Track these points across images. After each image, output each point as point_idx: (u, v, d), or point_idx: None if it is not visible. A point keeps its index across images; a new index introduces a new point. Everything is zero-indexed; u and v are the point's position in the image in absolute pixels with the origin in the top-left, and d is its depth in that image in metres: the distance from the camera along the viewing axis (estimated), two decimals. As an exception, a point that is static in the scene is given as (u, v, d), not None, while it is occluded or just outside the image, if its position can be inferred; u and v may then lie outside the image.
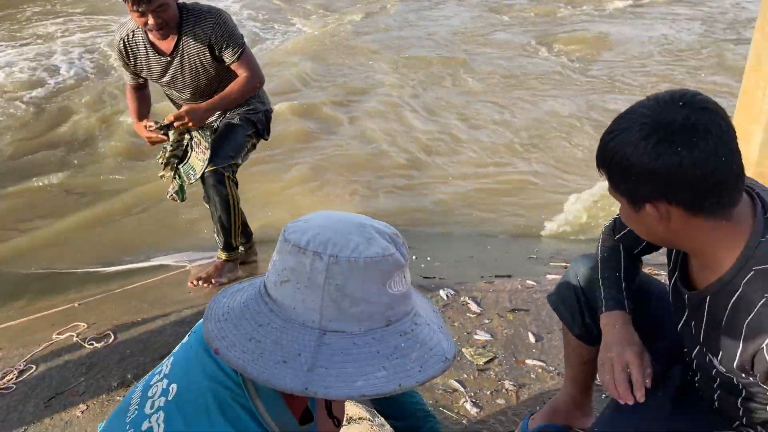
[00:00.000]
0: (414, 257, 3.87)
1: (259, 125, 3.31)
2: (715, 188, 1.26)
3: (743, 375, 1.39)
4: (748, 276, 1.31)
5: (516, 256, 4.15)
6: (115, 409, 1.24)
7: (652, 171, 1.26)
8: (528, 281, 3.20)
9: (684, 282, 1.52)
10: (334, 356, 1.01)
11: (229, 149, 3.15)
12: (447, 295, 3.09)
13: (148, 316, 2.97)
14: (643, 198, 1.32)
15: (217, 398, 1.09)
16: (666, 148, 1.24)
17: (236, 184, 3.26)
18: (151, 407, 1.14)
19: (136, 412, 1.16)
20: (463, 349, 2.69)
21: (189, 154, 3.15)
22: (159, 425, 1.10)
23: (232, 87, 3.10)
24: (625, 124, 1.32)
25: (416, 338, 1.07)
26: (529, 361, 2.62)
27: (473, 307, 3.00)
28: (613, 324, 1.64)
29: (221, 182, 3.12)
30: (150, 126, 3.07)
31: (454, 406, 2.40)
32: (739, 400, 1.47)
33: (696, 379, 1.60)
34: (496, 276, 3.36)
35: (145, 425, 1.12)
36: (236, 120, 3.21)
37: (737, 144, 1.28)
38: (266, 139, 3.44)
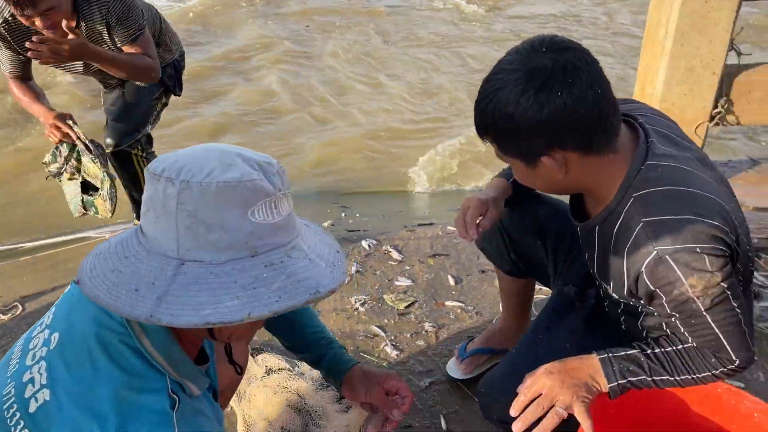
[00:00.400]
0: (343, 214, 3.86)
1: (169, 81, 3.03)
2: (598, 122, 1.29)
3: (632, 300, 1.46)
4: (628, 204, 1.36)
5: (440, 207, 4.20)
6: None
7: (540, 122, 1.26)
8: (449, 227, 3.23)
9: (578, 216, 1.57)
10: (189, 285, 0.97)
11: (131, 123, 2.87)
12: (369, 245, 3.09)
13: (59, 284, 2.86)
14: (537, 152, 1.33)
15: (100, 341, 1.05)
16: (547, 96, 1.25)
17: (148, 153, 3.01)
18: (33, 359, 1.09)
19: (17, 365, 1.11)
20: (384, 296, 2.71)
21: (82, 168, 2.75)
22: (41, 374, 1.06)
23: (131, 57, 2.66)
24: (497, 84, 1.30)
25: (284, 269, 1.02)
26: (448, 303, 2.66)
27: (395, 254, 3.01)
28: (490, 185, 1.81)
29: (127, 161, 2.92)
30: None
31: (375, 351, 2.41)
32: (639, 322, 1.55)
33: (605, 303, 1.67)
34: (418, 225, 3.38)
35: (26, 377, 1.07)
36: (133, 88, 2.92)
37: (604, 73, 1.31)
38: (178, 95, 3.17)
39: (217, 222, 0.98)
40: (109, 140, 2.87)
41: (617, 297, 1.49)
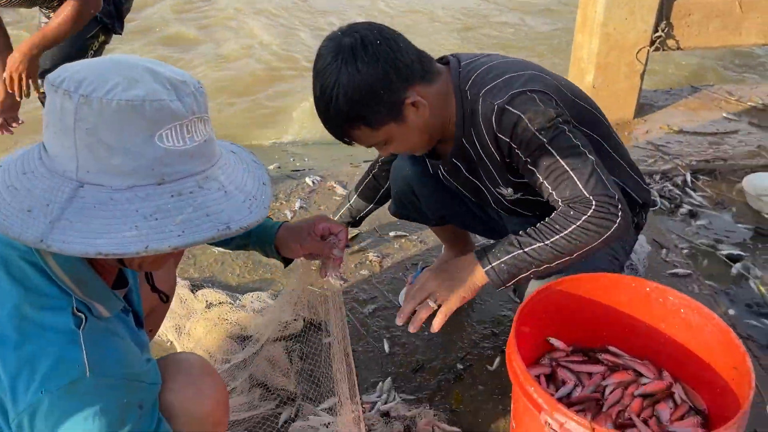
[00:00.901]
0: (291, 158, 3.78)
1: (107, 19, 2.76)
2: (420, 56, 1.46)
3: (513, 180, 1.60)
4: (465, 101, 1.52)
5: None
6: None
7: (385, 72, 1.39)
8: (394, 161, 3.19)
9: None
10: (86, 210, 0.88)
11: (56, 62, 2.62)
12: (313, 182, 3.04)
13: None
14: (400, 101, 1.43)
15: (1, 258, 0.98)
16: (373, 52, 1.38)
17: None
18: None
19: None
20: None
21: None
22: None
23: (52, 21, 2.48)
24: (330, 75, 1.38)
25: (193, 200, 0.93)
26: (392, 233, 2.64)
27: (339, 189, 2.97)
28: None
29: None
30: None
31: (318, 281, 2.38)
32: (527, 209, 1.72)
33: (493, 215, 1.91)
34: (363, 161, 3.33)
35: None
36: None
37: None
38: (119, 33, 2.87)
39: (119, 145, 0.89)
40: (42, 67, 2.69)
41: (505, 192, 1.66)
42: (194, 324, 2.06)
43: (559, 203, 1.44)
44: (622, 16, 3.17)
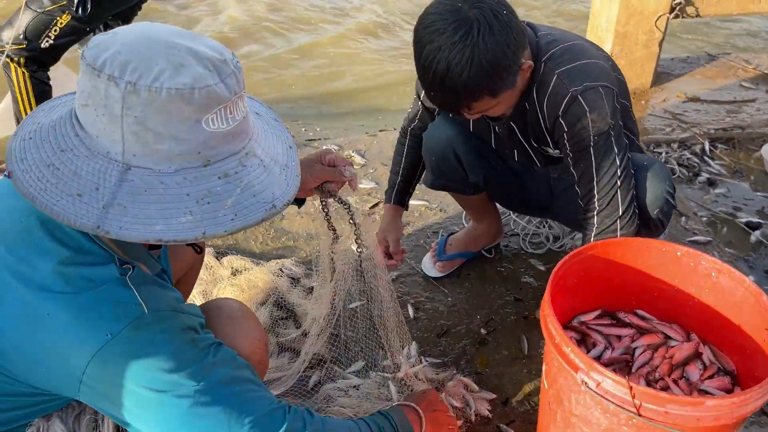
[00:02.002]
0: (303, 129, 3.77)
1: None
2: (518, 18, 1.48)
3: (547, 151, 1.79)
4: (542, 68, 1.59)
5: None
6: None
7: (516, 44, 1.44)
8: (411, 130, 3.18)
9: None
10: (137, 195, 0.90)
11: (12, 24, 2.58)
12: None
13: None
14: (517, 70, 1.47)
15: (42, 221, 0.99)
16: (505, 23, 1.40)
17: (34, 74, 2.67)
18: None
19: None
20: (349, 198, 2.68)
21: None
22: None
23: None
24: (461, 43, 1.38)
25: (239, 181, 0.95)
26: (412, 202, 2.63)
27: (357, 159, 2.97)
28: (388, 213, 2.12)
29: (5, 66, 2.63)
30: None
31: (339, 249, 2.40)
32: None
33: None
34: (380, 130, 3.33)
35: None
36: None
37: None
38: (79, 16, 2.59)
39: (167, 132, 0.89)
40: None
41: (550, 150, 1.78)
42: (221, 290, 2.09)
43: (588, 207, 1.67)
44: (642, -17, 3.14)
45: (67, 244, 0.98)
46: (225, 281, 2.13)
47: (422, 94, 1.94)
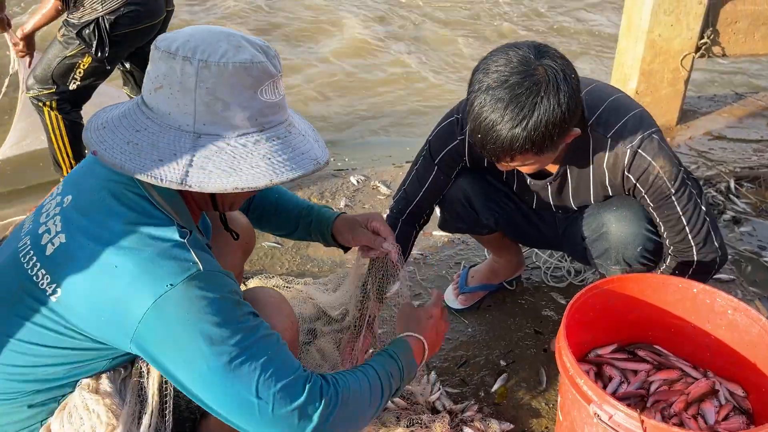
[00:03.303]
0: (332, 158, 3.87)
1: (89, 39, 2.68)
2: (580, 88, 1.46)
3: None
4: (589, 132, 1.60)
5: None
6: (5, 240, 1.29)
7: (576, 109, 1.43)
8: (436, 163, 3.25)
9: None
10: (209, 156, 1.08)
11: (38, 72, 2.75)
12: (357, 181, 3.12)
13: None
14: (567, 135, 1.47)
15: (111, 191, 1.13)
16: (571, 87, 1.39)
17: (68, 114, 2.82)
18: (47, 217, 1.18)
19: (31, 225, 1.19)
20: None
21: None
22: (56, 225, 1.14)
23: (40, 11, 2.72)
24: (527, 101, 1.35)
25: (288, 143, 1.15)
26: (435, 233, 2.70)
27: (383, 189, 3.04)
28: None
29: (38, 109, 2.81)
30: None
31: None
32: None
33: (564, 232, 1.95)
34: (406, 161, 3.40)
35: (41, 229, 1.16)
36: (59, 36, 2.75)
37: None
38: (99, 58, 2.72)
39: (232, 100, 1.08)
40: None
41: (574, 206, 1.81)
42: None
43: (670, 248, 1.68)
44: (668, 23, 3.18)
45: (134, 209, 1.12)
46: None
47: (443, 153, 1.85)
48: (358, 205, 2.93)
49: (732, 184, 3.02)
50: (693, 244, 1.64)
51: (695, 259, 1.65)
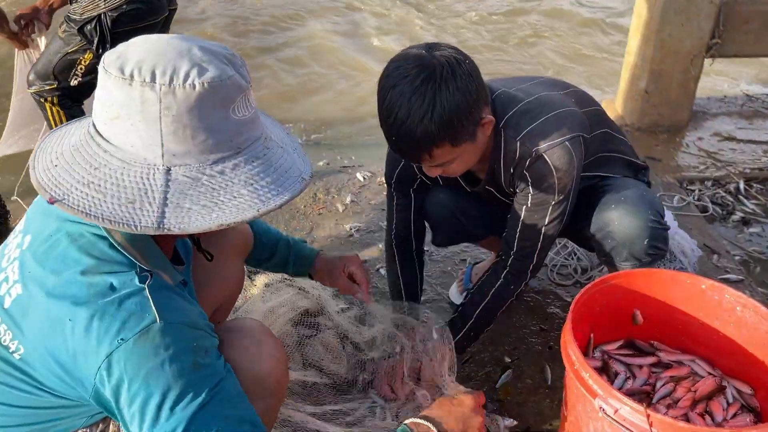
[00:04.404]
0: (338, 156, 3.87)
1: (90, 35, 2.67)
2: (479, 73, 1.48)
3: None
4: (502, 137, 1.60)
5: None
6: None
7: (477, 94, 1.44)
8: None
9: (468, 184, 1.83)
10: (186, 191, 0.97)
11: (39, 68, 2.75)
12: (364, 177, 3.11)
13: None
14: (478, 121, 1.48)
15: (69, 234, 1.04)
16: (468, 72, 1.41)
17: (69, 110, 2.82)
18: (8, 260, 1.10)
19: None
20: (381, 223, 2.73)
21: None
22: (13, 272, 1.06)
23: None
24: (426, 92, 1.38)
25: (269, 162, 1.04)
26: (442, 229, 2.68)
27: (389, 185, 3.03)
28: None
29: (41, 105, 2.82)
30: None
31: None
32: None
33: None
34: (413, 159, 3.38)
35: (1, 276, 1.08)
36: (60, 32, 2.74)
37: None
38: (98, 54, 2.69)
39: (202, 125, 0.96)
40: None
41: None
42: (251, 305, 2.14)
43: (510, 252, 1.73)
44: (679, 23, 3.16)
45: (92, 254, 1.02)
46: (257, 299, 2.19)
47: (395, 177, 1.91)
48: (364, 201, 2.92)
49: (741, 185, 2.99)
50: (516, 245, 1.70)
51: (509, 258, 1.73)
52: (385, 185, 2.01)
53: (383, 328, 1.95)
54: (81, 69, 2.75)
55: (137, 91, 0.94)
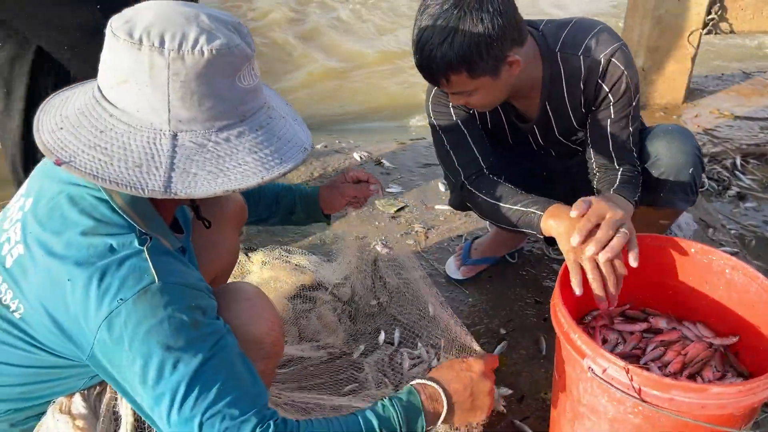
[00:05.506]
0: (337, 141, 3.87)
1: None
2: (517, 14, 1.52)
3: (576, 134, 1.82)
4: (558, 59, 1.65)
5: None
6: None
7: (502, 27, 1.45)
8: (440, 139, 3.24)
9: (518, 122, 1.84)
10: (192, 156, 0.98)
11: None
12: (361, 157, 3.12)
13: None
14: (502, 57, 1.50)
15: (70, 196, 1.05)
16: (499, 7, 1.44)
17: None
18: (9, 222, 1.11)
19: None
20: (376, 202, 2.74)
21: None
22: (15, 233, 1.08)
23: None
24: (448, 19, 1.43)
25: (272, 131, 1.06)
26: (438, 207, 2.70)
27: (387, 163, 3.04)
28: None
29: None
30: None
31: (365, 249, 2.46)
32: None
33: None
34: (410, 139, 3.40)
35: (2, 237, 1.10)
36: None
37: None
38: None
39: (210, 91, 0.98)
40: None
41: (564, 140, 1.85)
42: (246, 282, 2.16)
43: (615, 165, 1.74)
44: (675, -2, 3.15)
45: (93, 216, 1.03)
46: (254, 275, 2.21)
47: (454, 115, 1.82)
48: (361, 180, 2.93)
49: (738, 161, 3.00)
50: (634, 159, 1.73)
51: (618, 173, 1.73)
52: (383, 161, 1.98)
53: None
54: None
55: (146, 55, 0.95)
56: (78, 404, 1.12)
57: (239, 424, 1.00)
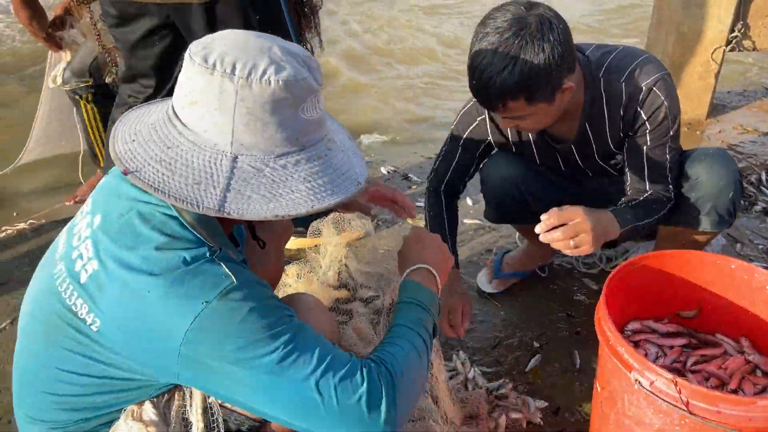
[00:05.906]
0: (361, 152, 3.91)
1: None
2: (572, 41, 1.56)
3: (614, 158, 1.88)
4: (601, 84, 1.70)
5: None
6: (42, 260, 1.25)
7: (562, 59, 1.50)
8: (466, 154, 3.28)
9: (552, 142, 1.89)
10: (249, 179, 1.03)
11: (77, 66, 2.76)
12: (387, 171, 3.16)
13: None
14: (559, 84, 1.56)
15: (140, 213, 1.09)
16: (558, 36, 1.49)
17: (103, 104, 2.80)
18: (78, 239, 1.15)
19: (65, 248, 1.17)
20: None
21: None
22: (87, 249, 1.11)
23: None
24: (510, 46, 1.47)
25: (329, 163, 1.10)
26: (467, 221, 2.73)
27: (414, 178, 3.09)
28: (451, 280, 1.92)
29: (75, 102, 2.86)
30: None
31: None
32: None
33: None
34: (434, 154, 3.43)
35: (74, 254, 1.13)
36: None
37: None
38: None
39: (273, 120, 1.03)
40: None
41: (602, 163, 1.90)
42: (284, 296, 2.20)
43: (647, 188, 1.78)
44: (699, 16, 3.19)
45: (162, 231, 1.08)
46: (290, 287, 2.25)
47: (466, 133, 1.97)
48: (389, 194, 2.97)
49: (763, 177, 3.01)
50: (670, 188, 1.77)
51: (643, 195, 1.77)
52: (410, 176, 2.03)
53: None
54: (116, 66, 2.74)
55: (217, 80, 1.01)
56: (149, 411, 1.14)
57: (350, 372, 1.07)
